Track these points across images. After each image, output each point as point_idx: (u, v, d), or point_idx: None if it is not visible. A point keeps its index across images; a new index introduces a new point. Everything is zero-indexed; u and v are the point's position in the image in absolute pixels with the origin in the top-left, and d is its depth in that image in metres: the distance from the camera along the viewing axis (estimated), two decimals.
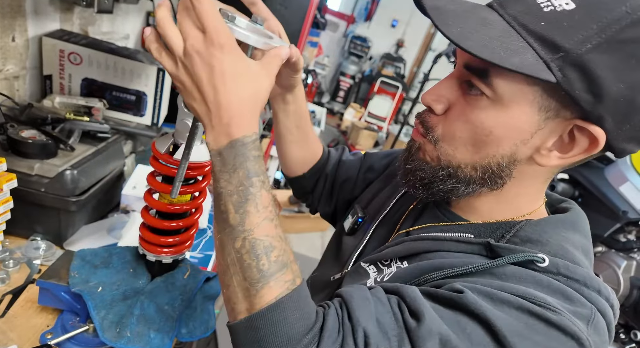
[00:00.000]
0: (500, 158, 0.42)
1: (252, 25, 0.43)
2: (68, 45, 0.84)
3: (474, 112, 0.41)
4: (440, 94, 0.44)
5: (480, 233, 0.46)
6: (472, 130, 0.42)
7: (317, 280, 0.66)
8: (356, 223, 0.65)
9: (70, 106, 0.83)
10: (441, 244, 0.46)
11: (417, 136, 0.48)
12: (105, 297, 0.56)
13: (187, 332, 0.61)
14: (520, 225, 0.44)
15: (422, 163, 0.47)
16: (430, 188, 0.47)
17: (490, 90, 0.39)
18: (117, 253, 0.64)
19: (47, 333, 0.58)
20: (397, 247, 0.50)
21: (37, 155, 0.68)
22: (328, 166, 0.74)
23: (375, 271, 0.52)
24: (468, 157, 0.43)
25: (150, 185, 0.55)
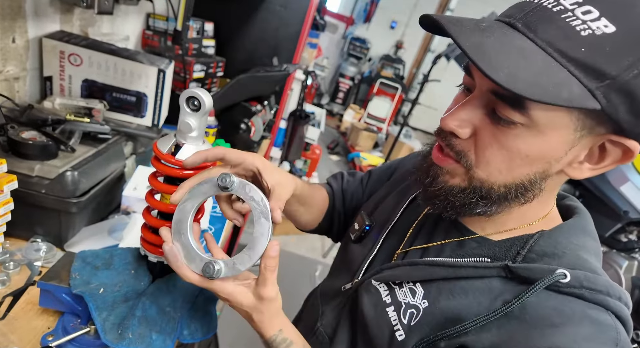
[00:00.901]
0: (533, 175, 0.42)
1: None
2: (68, 46, 0.83)
3: (509, 139, 0.40)
4: (463, 118, 0.42)
5: (496, 253, 0.45)
6: (508, 157, 0.41)
7: (328, 288, 0.66)
8: (363, 231, 0.64)
9: (70, 107, 0.83)
10: (459, 271, 0.46)
11: (445, 161, 0.45)
12: (106, 298, 0.56)
13: (188, 333, 0.61)
14: (534, 240, 0.44)
15: (450, 187, 0.46)
16: (462, 211, 0.46)
17: (525, 119, 0.38)
18: (118, 254, 0.63)
19: (48, 335, 0.58)
20: (411, 270, 0.50)
21: (37, 157, 0.68)
22: (337, 202, 0.76)
23: (386, 289, 0.52)
24: (501, 179, 0.43)
25: (152, 186, 0.55)
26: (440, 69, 3.51)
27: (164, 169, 0.52)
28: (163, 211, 0.56)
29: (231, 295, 0.47)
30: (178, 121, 0.51)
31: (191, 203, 0.49)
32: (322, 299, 0.66)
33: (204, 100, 0.49)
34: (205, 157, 0.51)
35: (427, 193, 0.48)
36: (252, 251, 0.46)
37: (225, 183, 0.47)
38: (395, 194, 0.66)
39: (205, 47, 1.46)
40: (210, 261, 0.46)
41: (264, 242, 0.46)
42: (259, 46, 1.62)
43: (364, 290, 0.55)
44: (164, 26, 1.28)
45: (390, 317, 0.50)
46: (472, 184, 0.44)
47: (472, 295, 0.44)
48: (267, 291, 0.47)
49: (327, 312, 0.62)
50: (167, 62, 0.94)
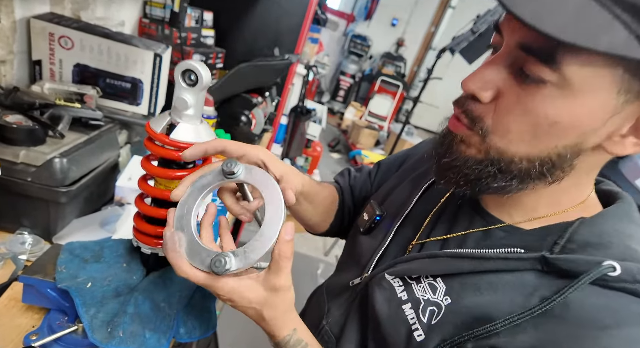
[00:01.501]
0: (563, 149, 0.36)
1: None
2: (58, 28, 0.79)
3: (535, 101, 0.35)
4: (486, 79, 0.37)
5: (529, 243, 0.40)
6: (533, 122, 0.35)
7: (334, 284, 0.61)
8: (373, 222, 0.59)
9: (60, 93, 0.78)
10: (486, 264, 0.40)
11: (459, 127, 0.41)
12: (95, 293, 0.51)
13: (185, 331, 0.56)
14: (573, 228, 0.38)
15: (465, 157, 0.41)
16: (477, 185, 0.41)
17: (557, 76, 0.33)
18: (109, 246, 0.58)
19: (31, 334, 0.53)
20: (431, 263, 0.44)
21: (22, 142, 0.63)
22: (346, 198, 0.72)
23: (401, 285, 0.47)
24: (523, 150, 0.37)
25: (145, 170, 0.50)
26: (442, 67, 3.47)
27: (158, 150, 0.48)
28: (158, 198, 0.51)
29: (235, 290, 0.41)
30: (173, 97, 0.46)
31: (194, 197, 0.45)
32: (327, 296, 0.61)
33: (201, 74, 0.45)
34: (204, 149, 0.46)
35: (440, 165, 0.44)
36: (264, 237, 0.41)
37: (230, 168, 0.43)
38: (408, 182, 0.61)
39: (205, 37, 1.41)
40: (220, 254, 0.40)
41: (276, 226, 0.41)
42: (260, 37, 1.57)
43: (376, 285, 0.49)
44: (161, 14, 1.23)
45: (407, 314, 0.44)
46: (489, 155, 0.39)
47: (502, 290, 0.39)
48: (281, 280, 0.41)
49: (334, 309, 0.57)
50: (163, 47, 0.89)
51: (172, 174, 0.49)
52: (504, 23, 0.37)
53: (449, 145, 0.42)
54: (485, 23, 2.01)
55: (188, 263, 0.42)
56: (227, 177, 0.45)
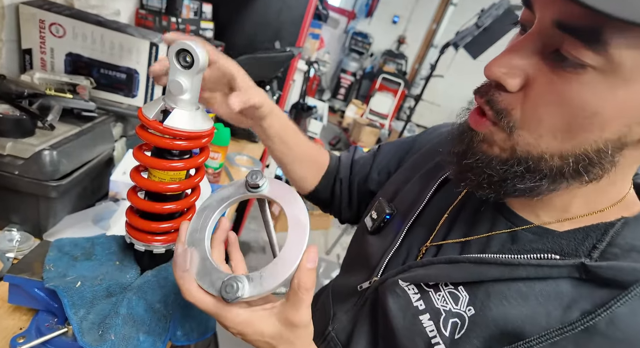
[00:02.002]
0: (603, 144, 0.31)
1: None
2: (49, 14, 0.75)
3: (573, 89, 0.30)
4: (513, 63, 0.32)
5: (563, 247, 0.35)
6: (569, 113, 0.31)
7: (341, 286, 0.57)
8: (383, 221, 0.55)
9: (52, 83, 0.75)
10: (516, 271, 0.36)
11: (482, 124, 0.36)
12: (84, 293, 0.48)
13: (182, 334, 0.52)
14: (615, 229, 0.34)
15: (489, 157, 0.36)
16: (502, 188, 0.36)
17: (601, 60, 0.28)
18: (101, 243, 0.55)
19: (18, 336, 0.49)
20: (451, 269, 0.40)
21: (9, 133, 0.59)
22: (340, 171, 0.69)
23: (416, 293, 0.43)
24: (555, 146, 0.32)
25: (138, 161, 0.46)
26: (444, 65, 3.44)
27: (151, 138, 0.44)
28: (152, 191, 0.48)
29: (247, 323, 0.36)
30: (167, 81, 0.43)
31: (211, 209, 0.41)
32: (333, 299, 0.57)
33: (197, 55, 0.41)
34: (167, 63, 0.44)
35: (460, 166, 0.39)
36: (284, 261, 0.36)
37: (255, 181, 0.40)
38: (420, 178, 0.56)
39: (204, 30, 1.37)
40: (233, 277, 0.36)
41: (298, 250, 0.36)
42: (260, 30, 1.53)
43: (388, 292, 0.45)
44: (159, 5, 1.19)
45: (425, 326, 0.40)
46: (515, 154, 0.34)
47: (534, 301, 0.35)
48: (300, 315, 0.35)
49: (340, 314, 0.54)
50: (160, 36, 0.86)
51: (167, 165, 0.45)
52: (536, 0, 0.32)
53: (469, 144, 0.38)
54: (490, 17, 1.97)
55: (197, 286, 0.37)
56: (250, 190, 0.41)
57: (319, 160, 0.69)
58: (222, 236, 0.42)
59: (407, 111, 5.30)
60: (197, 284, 0.37)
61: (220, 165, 1.06)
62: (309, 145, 0.67)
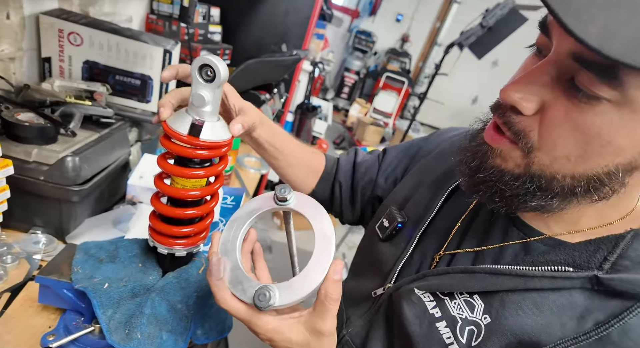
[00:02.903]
0: (614, 167, 0.33)
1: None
2: (67, 24, 0.78)
3: (587, 119, 0.31)
4: (529, 89, 0.33)
5: (576, 259, 0.37)
6: (583, 141, 0.32)
7: (353, 292, 0.58)
8: (394, 229, 0.56)
9: (70, 90, 0.77)
10: (530, 282, 0.37)
11: (500, 141, 0.37)
12: (112, 294, 0.50)
13: (202, 333, 0.55)
14: (626, 242, 0.35)
15: (502, 172, 0.37)
16: (514, 203, 0.38)
17: (616, 94, 0.29)
18: (124, 246, 0.57)
19: (48, 334, 0.52)
20: (467, 279, 0.41)
21: (34, 140, 0.62)
22: (339, 174, 0.70)
23: (432, 301, 0.44)
24: (569, 168, 0.34)
25: (162, 169, 0.49)
26: (449, 64, 3.43)
27: (179, 149, 0.46)
28: (174, 197, 0.50)
29: (277, 330, 0.38)
30: (190, 94, 0.45)
31: (241, 221, 0.44)
32: (346, 303, 0.59)
33: (219, 69, 0.43)
34: (176, 70, 0.49)
35: (472, 179, 0.40)
36: (311, 273, 0.38)
37: (284, 194, 0.42)
38: (430, 185, 0.57)
39: (212, 33, 1.40)
40: (265, 287, 0.38)
41: (325, 262, 0.38)
42: (267, 33, 1.55)
43: (403, 300, 0.47)
44: (169, 10, 1.21)
45: (442, 333, 0.42)
46: (529, 171, 0.35)
47: (549, 311, 0.36)
48: (326, 325, 0.37)
49: (354, 318, 0.55)
50: (173, 43, 0.88)
51: (189, 173, 0.48)
52: (554, 24, 0.32)
53: (483, 158, 0.39)
54: (494, 17, 1.97)
55: (230, 294, 0.40)
56: (278, 203, 0.43)
57: (314, 163, 0.70)
58: (249, 247, 0.45)
59: (412, 110, 5.30)
60: (230, 292, 0.40)
61: (231, 168, 1.09)
62: (302, 149, 0.68)
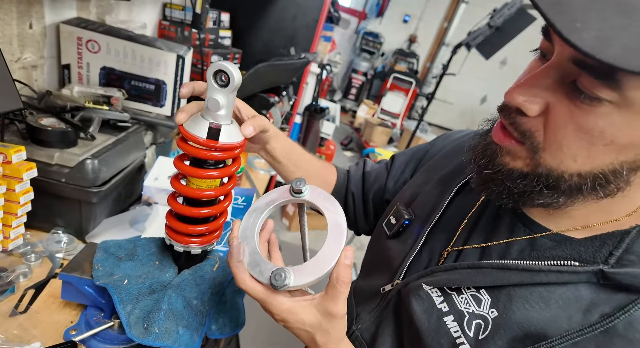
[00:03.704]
0: (619, 165, 0.34)
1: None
2: (86, 32, 0.81)
3: (590, 120, 0.32)
4: (533, 92, 0.35)
5: (581, 254, 0.38)
6: (587, 141, 0.33)
7: (363, 289, 0.59)
8: (402, 226, 0.57)
9: (89, 96, 0.81)
10: (537, 277, 0.38)
11: (506, 141, 0.38)
12: (131, 290, 0.53)
13: (217, 328, 0.57)
14: (631, 237, 0.36)
15: (510, 170, 0.39)
16: (521, 200, 0.39)
17: (616, 96, 0.30)
18: (142, 244, 0.60)
19: (71, 329, 0.55)
20: (474, 274, 0.43)
21: (56, 144, 0.65)
22: (351, 184, 0.72)
23: (439, 296, 0.45)
24: (575, 167, 0.35)
25: (179, 170, 0.51)
26: (457, 64, 3.42)
27: (196, 151, 0.48)
28: (190, 197, 0.52)
29: (291, 311, 0.41)
30: (205, 98, 0.47)
31: (260, 211, 0.47)
32: (356, 299, 0.60)
33: (233, 75, 0.45)
34: (192, 87, 0.52)
35: (481, 176, 0.42)
36: (324, 258, 0.41)
37: (299, 187, 0.45)
38: (437, 182, 0.58)
39: (222, 38, 1.43)
40: (281, 268, 0.41)
41: (337, 248, 0.41)
42: (276, 36, 1.58)
43: (412, 295, 0.48)
44: (181, 16, 1.25)
45: (450, 328, 0.43)
46: (536, 170, 0.37)
47: (555, 305, 0.37)
48: (338, 307, 0.40)
49: (363, 314, 0.56)
50: (185, 49, 0.91)
51: (204, 173, 0.50)
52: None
53: (492, 156, 0.40)
54: (502, 17, 1.97)
55: (249, 276, 0.42)
56: (293, 195, 0.47)
57: (326, 176, 0.72)
58: (266, 236, 0.48)
59: (419, 110, 5.29)
60: (249, 274, 0.42)
61: (241, 169, 1.11)
62: (315, 162, 0.70)
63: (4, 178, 0.57)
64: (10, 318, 0.54)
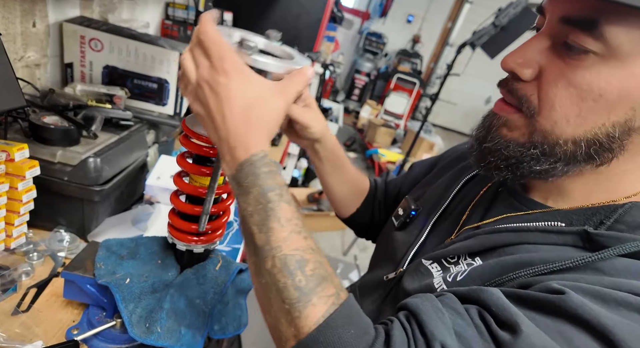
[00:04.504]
0: (612, 127, 0.34)
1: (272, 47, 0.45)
2: (89, 30, 0.81)
3: (578, 73, 0.34)
4: (527, 56, 0.37)
5: (572, 221, 0.38)
6: (577, 96, 0.34)
7: (367, 282, 0.59)
8: (408, 217, 0.57)
9: (91, 94, 0.80)
10: (525, 236, 0.39)
11: (505, 109, 0.40)
12: (133, 289, 0.52)
13: (219, 328, 0.56)
14: (624, 209, 0.36)
15: (507, 141, 0.39)
16: (519, 169, 0.39)
17: (600, 45, 0.32)
18: (144, 243, 0.59)
19: (73, 328, 0.54)
20: (468, 242, 0.43)
21: (59, 142, 0.65)
22: (378, 193, 0.73)
23: (439, 270, 0.45)
24: (569, 132, 0.36)
25: (181, 167, 0.50)
26: (461, 64, 3.40)
27: (196, 148, 0.48)
28: (192, 195, 0.52)
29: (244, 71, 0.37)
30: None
31: None
32: (360, 294, 0.60)
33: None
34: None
35: (481, 150, 0.42)
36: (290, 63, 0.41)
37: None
38: (445, 179, 0.60)
39: None
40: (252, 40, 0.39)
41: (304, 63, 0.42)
42: None
43: (412, 272, 0.48)
44: (184, 15, 1.25)
45: (435, 284, 0.43)
46: (532, 138, 0.37)
47: (539, 255, 0.37)
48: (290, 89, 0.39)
49: (366, 305, 0.56)
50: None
51: (207, 171, 0.49)
52: (547, 2, 0.37)
53: (489, 128, 0.41)
54: (507, 16, 1.95)
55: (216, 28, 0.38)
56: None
57: (362, 185, 0.73)
58: None
59: (423, 111, 5.27)
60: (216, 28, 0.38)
61: None
62: (354, 170, 0.71)
63: (7, 176, 0.57)
64: (13, 317, 0.54)
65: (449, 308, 0.34)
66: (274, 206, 0.35)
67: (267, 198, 0.35)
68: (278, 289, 0.33)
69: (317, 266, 0.34)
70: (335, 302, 0.33)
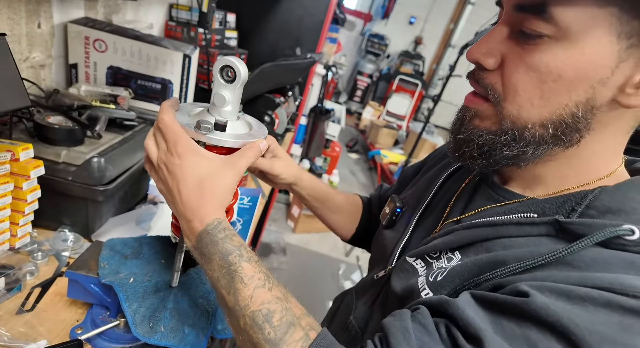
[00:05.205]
0: (575, 107, 0.35)
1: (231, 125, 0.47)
2: (93, 31, 0.81)
3: (536, 56, 0.35)
4: (489, 46, 0.38)
5: (545, 210, 0.39)
6: (537, 79, 0.35)
7: (363, 283, 0.60)
8: (394, 214, 0.59)
9: (95, 95, 0.81)
10: (501, 230, 0.39)
11: (474, 100, 0.41)
12: (137, 288, 0.52)
13: (223, 328, 0.56)
14: (594, 194, 0.36)
15: (480, 131, 0.41)
16: (492, 156, 0.40)
17: (551, 27, 0.33)
18: (148, 243, 0.59)
19: (77, 328, 0.54)
20: (448, 237, 0.44)
21: (63, 142, 0.65)
22: (373, 207, 0.74)
23: (423, 266, 0.46)
24: (535, 115, 0.37)
25: None
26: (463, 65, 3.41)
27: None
28: None
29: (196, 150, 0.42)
30: (211, 93, 0.47)
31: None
32: (356, 295, 0.61)
33: (239, 70, 0.45)
34: None
35: (456, 141, 0.44)
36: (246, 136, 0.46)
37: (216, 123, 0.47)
38: (428, 177, 0.61)
39: (228, 39, 1.43)
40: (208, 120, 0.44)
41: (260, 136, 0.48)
42: (282, 37, 1.58)
43: (398, 271, 0.49)
44: (187, 16, 1.25)
45: (419, 285, 0.43)
46: (502, 125, 0.39)
47: (515, 248, 0.38)
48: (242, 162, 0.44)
49: (360, 305, 0.57)
50: (192, 48, 0.91)
51: None
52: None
53: (462, 120, 0.43)
54: None
55: (174, 116, 0.44)
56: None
57: (354, 207, 0.75)
58: None
59: (425, 112, 5.27)
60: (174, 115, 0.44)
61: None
62: (342, 196, 0.74)
63: (12, 176, 0.57)
64: (17, 316, 0.54)
65: (419, 326, 0.35)
66: (235, 268, 0.39)
67: (228, 261, 0.39)
68: (253, 344, 0.37)
69: (284, 314, 0.37)
70: (304, 344, 0.35)
